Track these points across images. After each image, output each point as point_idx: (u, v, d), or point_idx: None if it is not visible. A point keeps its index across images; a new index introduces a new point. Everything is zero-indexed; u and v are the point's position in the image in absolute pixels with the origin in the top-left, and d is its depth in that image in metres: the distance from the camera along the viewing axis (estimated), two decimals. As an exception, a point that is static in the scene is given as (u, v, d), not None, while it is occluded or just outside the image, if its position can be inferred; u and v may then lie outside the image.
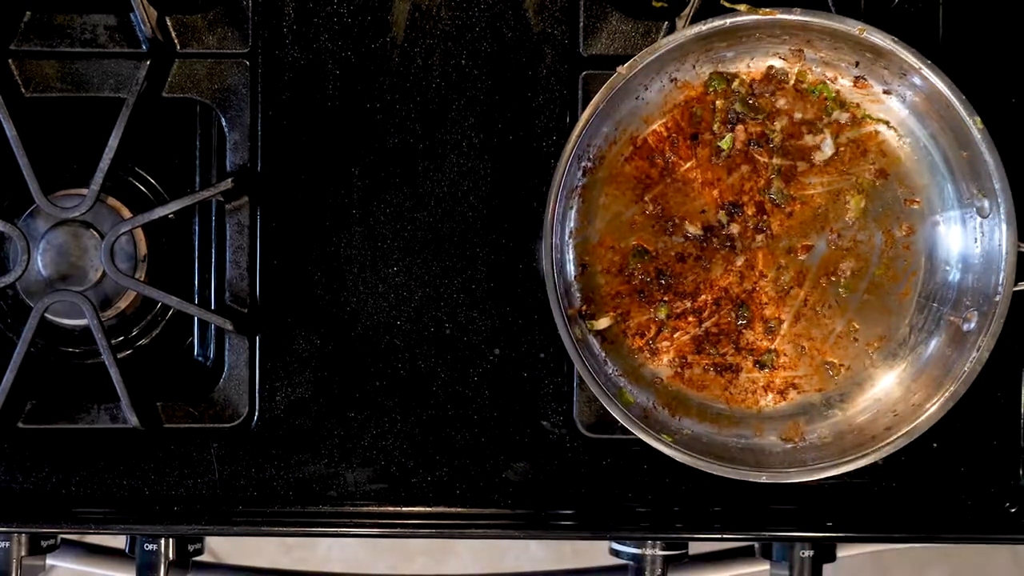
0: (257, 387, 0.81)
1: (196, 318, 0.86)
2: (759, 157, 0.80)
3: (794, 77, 0.80)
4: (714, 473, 0.77)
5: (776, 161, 0.79)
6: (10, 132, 0.78)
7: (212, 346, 0.85)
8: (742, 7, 0.76)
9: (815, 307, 0.80)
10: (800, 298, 0.80)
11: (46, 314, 0.80)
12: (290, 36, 0.82)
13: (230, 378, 0.81)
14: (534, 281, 0.81)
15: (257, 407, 0.81)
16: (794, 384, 0.81)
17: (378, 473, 0.82)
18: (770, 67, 0.80)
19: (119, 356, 0.83)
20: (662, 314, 0.79)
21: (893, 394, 0.80)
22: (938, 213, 0.81)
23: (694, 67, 0.79)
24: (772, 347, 0.80)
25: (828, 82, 0.80)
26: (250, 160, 0.81)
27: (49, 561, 0.87)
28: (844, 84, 0.80)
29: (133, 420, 0.79)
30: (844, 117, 0.80)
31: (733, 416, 0.80)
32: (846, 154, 0.80)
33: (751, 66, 0.80)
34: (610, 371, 0.80)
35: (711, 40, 0.77)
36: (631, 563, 0.83)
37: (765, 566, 0.85)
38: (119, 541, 0.86)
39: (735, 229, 0.80)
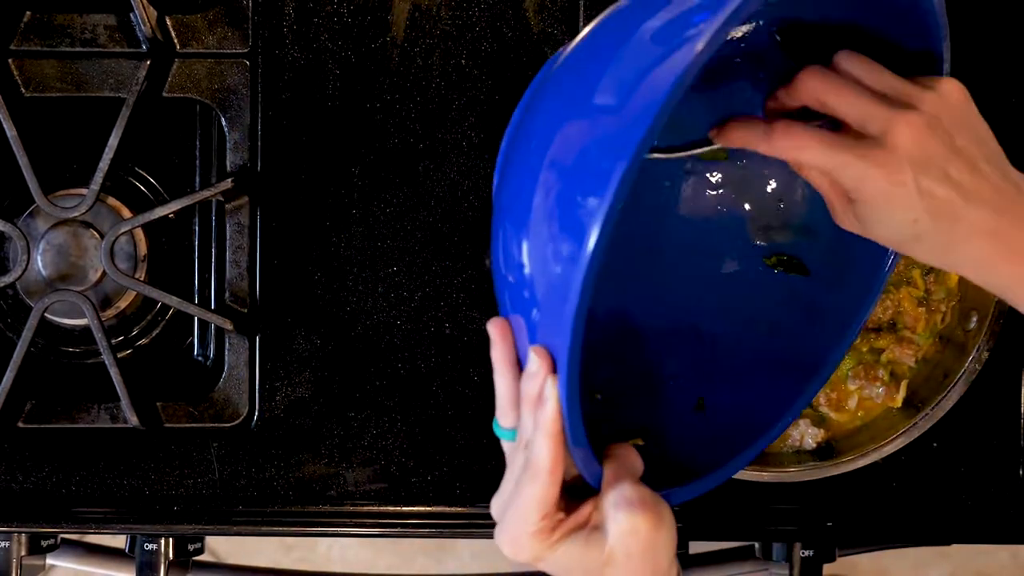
0: (257, 387, 0.81)
1: (196, 318, 0.86)
2: None
3: None
4: (714, 473, 0.77)
5: None
6: (10, 132, 0.78)
7: (212, 346, 0.85)
8: None
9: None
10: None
11: (46, 314, 0.80)
12: (290, 36, 0.82)
13: (230, 378, 0.81)
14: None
15: (257, 407, 0.81)
16: None
17: (378, 473, 0.82)
18: None
19: (119, 356, 0.83)
20: None
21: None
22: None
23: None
24: None
25: None
26: (250, 160, 0.81)
27: (49, 561, 0.87)
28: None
29: (133, 420, 0.79)
30: None
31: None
32: None
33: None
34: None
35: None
36: (631, 563, 0.83)
37: (765, 566, 0.85)
38: (119, 541, 0.86)
39: None
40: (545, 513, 0.56)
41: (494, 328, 0.59)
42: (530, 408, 0.56)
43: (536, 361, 0.55)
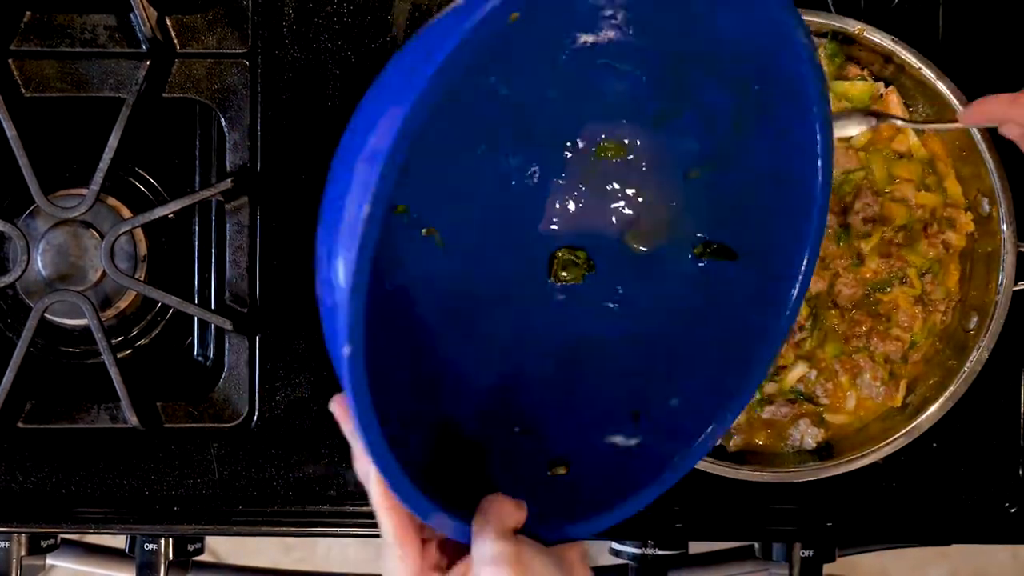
0: (257, 387, 0.81)
1: (196, 318, 0.86)
2: None
3: None
4: (715, 473, 0.77)
5: None
6: (10, 132, 0.78)
7: (212, 346, 0.85)
8: None
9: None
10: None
11: (46, 314, 0.80)
12: (290, 36, 0.82)
13: (230, 378, 0.81)
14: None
15: (257, 407, 0.81)
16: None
17: (378, 473, 0.81)
18: None
19: (119, 356, 0.83)
20: None
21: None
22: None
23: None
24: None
25: None
26: (250, 160, 0.81)
27: (49, 561, 0.87)
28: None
29: (133, 420, 0.79)
30: None
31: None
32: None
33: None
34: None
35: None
36: (631, 563, 0.83)
37: (765, 566, 0.85)
38: (119, 541, 0.86)
39: None
40: None
41: (336, 408, 0.59)
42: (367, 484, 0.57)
43: (357, 447, 0.56)
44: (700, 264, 0.69)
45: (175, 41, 0.81)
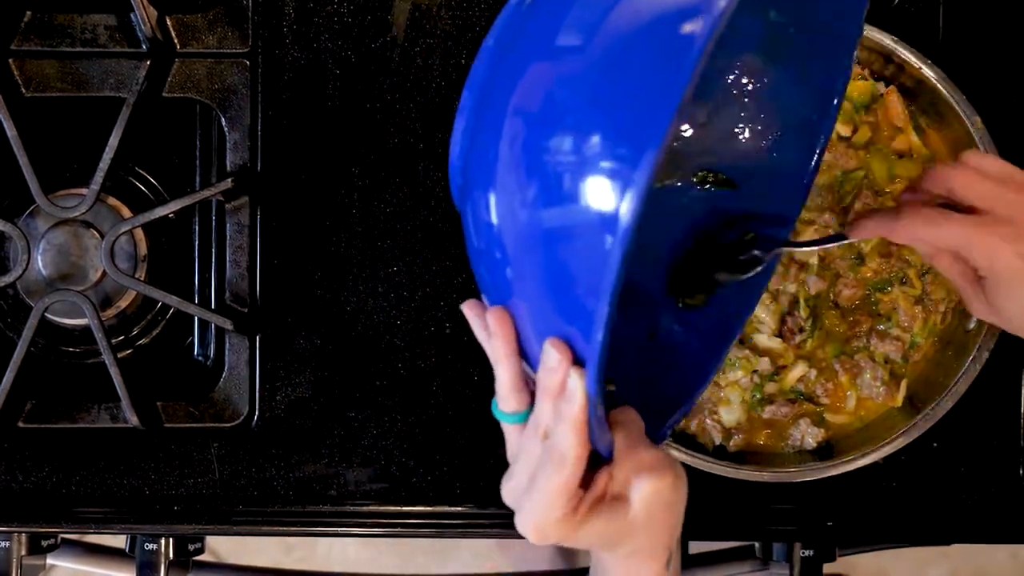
0: (257, 387, 0.81)
1: (196, 318, 0.86)
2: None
3: None
4: (715, 473, 0.77)
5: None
6: (10, 132, 0.78)
7: (212, 346, 0.85)
8: None
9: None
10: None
11: (46, 314, 0.80)
12: (290, 36, 0.82)
13: (230, 378, 0.81)
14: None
15: (257, 407, 0.81)
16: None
17: (378, 473, 0.82)
18: None
19: (119, 356, 0.83)
20: None
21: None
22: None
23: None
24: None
25: None
26: (250, 160, 0.81)
27: (49, 561, 0.87)
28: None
29: (133, 420, 0.79)
30: None
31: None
32: None
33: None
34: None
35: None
36: (631, 563, 0.83)
37: (765, 566, 0.85)
38: (119, 541, 0.86)
39: None
40: (570, 498, 0.56)
41: (494, 318, 0.57)
42: (550, 399, 0.55)
43: (556, 356, 0.53)
44: (701, 189, 0.72)
45: (175, 41, 0.81)
